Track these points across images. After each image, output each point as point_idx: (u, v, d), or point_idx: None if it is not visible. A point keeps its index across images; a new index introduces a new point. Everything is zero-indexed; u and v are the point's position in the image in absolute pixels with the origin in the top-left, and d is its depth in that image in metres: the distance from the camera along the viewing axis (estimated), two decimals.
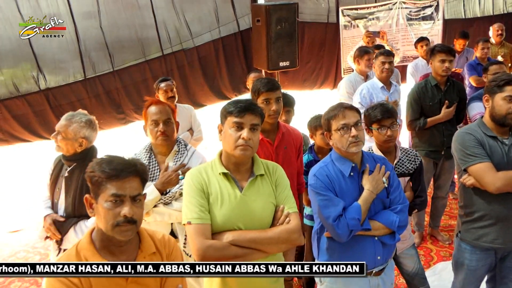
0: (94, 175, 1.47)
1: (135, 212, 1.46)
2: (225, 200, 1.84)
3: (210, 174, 1.90)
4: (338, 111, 2.09)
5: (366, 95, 4.10)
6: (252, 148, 1.85)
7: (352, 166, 2.10)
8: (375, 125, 2.52)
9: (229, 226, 1.82)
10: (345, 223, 2.00)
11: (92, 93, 5.35)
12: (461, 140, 2.38)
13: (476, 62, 5.13)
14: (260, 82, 2.58)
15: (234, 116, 1.84)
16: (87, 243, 1.51)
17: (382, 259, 2.13)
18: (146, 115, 2.42)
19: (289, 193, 1.95)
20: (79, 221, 2.42)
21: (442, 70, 3.64)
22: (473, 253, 2.45)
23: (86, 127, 2.47)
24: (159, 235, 1.65)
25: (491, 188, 2.24)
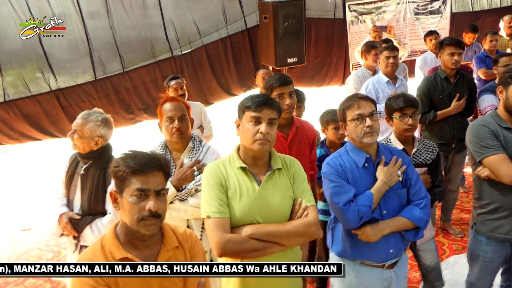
0: (119, 170, 1.48)
1: (160, 206, 1.48)
2: (243, 194, 1.85)
3: (228, 169, 1.91)
4: (354, 101, 2.10)
5: (372, 90, 4.11)
6: (270, 142, 1.86)
7: (367, 157, 2.11)
8: (396, 113, 2.54)
9: (247, 220, 1.83)
10: (356, 208, 2.01)
11: (102, 93, 5.39)
12: (475, 132, 2.38)
13: (484, 55, 5.10)
14: (273, 78, 2.60)
15: (252, 111, 1.85)
16: (111, 237, 1.53)
17: (395, 252, 2.14)
18: (161, 112, 2.43)
19: (306, 187, 1.96)
20: (95, 219, 2.43)
21: (452, 63, 3.64)
22: (489, 244, 2.45)
23: (102, 125, 2.49)
24: (181, 229, 1.67)
25: (506, 179, 2.23)
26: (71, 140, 2.50)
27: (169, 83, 4.15)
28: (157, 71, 5.67)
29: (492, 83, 3.83)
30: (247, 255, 1.80)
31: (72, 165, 2.58)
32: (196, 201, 2.31)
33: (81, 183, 2.49)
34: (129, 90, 5.57)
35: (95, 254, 1.50)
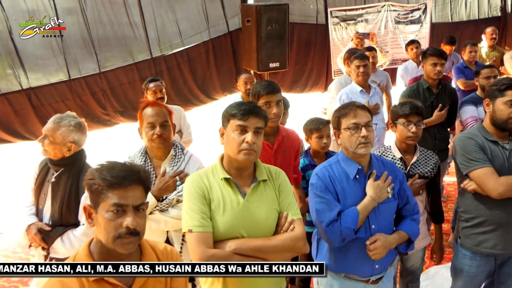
0: (94, 183, 1.37)
1: (138, 223, 1.38)
2: (227, 206, 1.77)
3: (211, 179, 1.83)
4: (350, 109, 2.04)
5: (346, 100, 4.05)
6: (256, 153, 1.79)
7: (359, 169, 2.06)
8: (401, 119, 2.50)
9: (231, 233, 1.76)
10: (339, 230, 1.97)
11: (76, 94, 5.20)
12: (462, 144, 2.36)
13: (463, 65, 5.18)
14: (260, 85, 2.52)
15: (238, 119, 1.78)
16: (85, 256, 1.42)
17: (380, 268, 2.10)
18: (142, 117, 2.31)
19: (292, 199, 1.90)
20: (67, 230, 2.29)
21: (434, 74, 3.69)
22: (473, 259, 2.44)
23: (76, 130, 2.35)
24: (161, 246, 1.57)
25: (493, 193, 2.22)
26: (41, 145, 2.35)
27: (147, 85, 4.01)
28: (135, 73, 5.51)
29: (474, 94, 3.86)
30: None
31: (42, 172, 2.43)
32: (177, 212, 2.22)
33: (52, 192, 2.35)
34: (105, 91, 5.39)
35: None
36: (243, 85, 4.43)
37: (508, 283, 2.50)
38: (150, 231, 2.23)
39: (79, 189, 2.30)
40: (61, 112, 4.93)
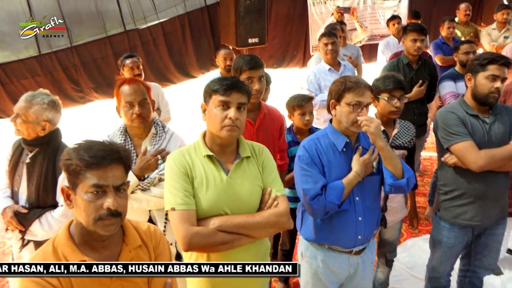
0: (71, 163, 1.31)
1: (120, 203, 1.33)
2: (210, 184, 1.75)
3: (194, 157, 1.79)
4: (358, 86, 2.00)
5: (314, 80, 4.05)
6: (239, 129, 1.76)
7: (346, 142, 2.06)
8: (384, 94, 2.48)
9: (215, 211, 1.74)
10: (323, 203, 1.98)
11: (47, 70, 5.00)
12: (443, 119, 2.39)
13: (441, 41, 5.21)
14: (243, 60, 2.45)
15: (220, 95, 1.74)
16: (65, 239, 1.37)
17: (362, 239, 2.13)
18: (119, 95, 2.23)
19: (276, 176, 1.88)
20: (45, 212, 2.22)
21: (414, 50, 3.70)
22: (451, 230, 2.50)
23: (49, 108, 2.25)
24: (144, 226, 1.53)
25: (473, 166, 2.26)
26: (14, 125, 2.24)
27: (124, 61, 3.88)
28: (108, 47, 5.32)
29: (452, 70, 3.90)
30: (215, 249, 1.71)
31: (15, 152, 2.34)
32: (159, 191, 2.18)
33: (27, 173, 2.26)
34: (77, 66, 5.21)
35: (46, 258, 1.33)
36: (222, 61, 4.35)
37: (484, 253, 2.59)
38: (132, 210, 2.19)
39: (56, 170, 2.22)
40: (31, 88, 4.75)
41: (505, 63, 2.29)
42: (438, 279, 2.69)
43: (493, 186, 2.35)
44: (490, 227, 2.50)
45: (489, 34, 5.80)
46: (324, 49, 4.07)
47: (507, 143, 2.30)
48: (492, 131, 2.32)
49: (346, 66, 4.21)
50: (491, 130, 2.33)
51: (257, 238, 1.79)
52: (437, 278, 2.68)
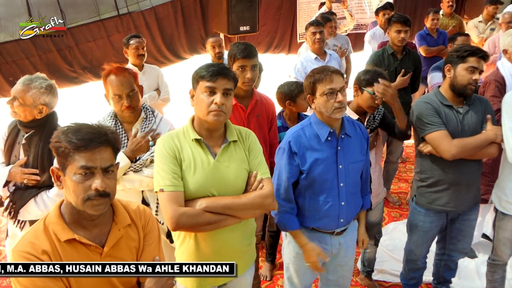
0: (60, 146, 1.32)
1: (108, 184, 1.34)
2: (198, 166, 1.77)
3: (182, 140, 1.82)
4: (326, 75, 2.01)
5: (301, 69, 4.05)
6: (225, 114, 1.78)
7: (330, 132, 2.07)
8: (371, 88, 2.46)
9: (202, 193, 1.76)
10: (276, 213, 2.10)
11: (41, 51, 4.92)
12: (419, 109, 2.42)
13: (426, 33, 5.22)
14: (237, 48, 2.45)
15: (206, 81, 1.75)
16: (55, 217, 1.38)
17: (344, 222, 2.17)
18: (107, 85, 2.22)
19: (262, 159, 1.91)
20: (41, 192, 2.22)
21: (398, 40, 3.74)
22: (427, 215, 2.56)
23: (47, 93, 2.24)
24: (134, 205, 1.55)
25: (446, 155, 2.30)
26: (10, 107, 2.23)
27: (129, 41, 3.90)
28: (102, 30, 5.25)
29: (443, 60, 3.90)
30: (202, 228, 1.75)
31: (12, 133, 2.33)
32: (151, 171, 2.20)
33: (24, 154, 2.26)
34: (71, 48, 5.13)
35: (37, 236, 1.35)
36: (211, 49, 4.33)
37: (459, 237, 2.66)
38: (126, 191, 2.21)
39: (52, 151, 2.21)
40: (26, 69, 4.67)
41: (483, 56, 2.32)
42: (415, 261, 2.74)
43: (465, 173, 2.40)
44: (463, 213, 2.56)
45: (476, 26, 5.81)
46: (311, 38, 4.06)
47: (480, 132, 2.35)
48: (465, 121, 2.36)
49: (331, 55, 4.21)
50: (464, 120, 2.36)
51: (243, 218, 1.83)
52: (414, 260, 2.74)
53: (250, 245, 1.98)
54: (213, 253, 1.82)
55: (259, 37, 6.62)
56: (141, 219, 1.53)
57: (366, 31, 6.31)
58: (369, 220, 2.84)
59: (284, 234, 2.34)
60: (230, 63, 2.47)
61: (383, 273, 3.29)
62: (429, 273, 3.00)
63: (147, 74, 4.05)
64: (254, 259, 2.05)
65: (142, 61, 4.01)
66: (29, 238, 1.35)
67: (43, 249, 1.33)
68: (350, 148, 2.10)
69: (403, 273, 2.88)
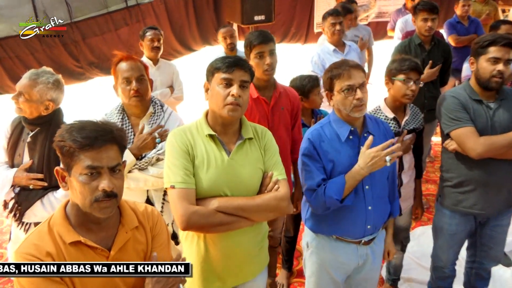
0: (65, 145, 1.36)
1: (115, 184, 1.38)
2: (211, 164, 1.81)
3: (196, 136, 1.86)
4: (344, 70, 2.01)
5: (318, 61, 4.03)
6: (241, 107, 1.82)
7: (351, 130, 2.07)
8: (401, 76, 2.46)
9: (215, 191, 1.81)
10: (322, 200, 2.02)
11: (46, 46, 5.03)
12: (445, 103, 2.42)
13: (456, 21, 5.16)
14: (252, 35, 2.50)
15: (222, 72, 1.80)
16: (61, 218, 1.44)
17: (372, 228, 2.16)
18: (116, 72, 2.30)
19: (278, 159, 1.95)
20: (47, 193, 2.28)
21: (425, 30, 3.69)
22: (453, 217, 2.55)
23: (54, 88, 2.31)
24: (141, 206, 1.61)
25: (472, 153, 2.28)
26: (15, 103, 2.30)
27: (145, 33, 4.01)
28: (109, 23, 5.34)
29: None
30: (213, 229, 1.79)
31: (15, 131, 2.40)
32: (157, 170, 2.26)
33: (29, 152, 2.33)
34: (77, 42, 5.23)
35: (42, 237, 1.41)
36: (223, 40, 4.38)
37: (490, 245, 2.63)
38: (130, 190, 2.27)
39: None
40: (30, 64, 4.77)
41: (508, 44, 2.25)
42: (442, 268, 2.72)
43: (495, 174, 2.37)
44: (494, 217, 2.53)
45: None
46: (330, 29, 4.04)
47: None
48: (496, 117, 2.33)
49: (351, 47, 4.19)
50: (495, 116, 2.34)
51: (256, 221, 1.87)
52: (441, 267, 2.72)
53: (262, 248, 2.02)
54: (223, 256, 1.86)
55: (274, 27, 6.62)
56: (149, 221, 1.58)
57: (388, 19, 6.25)
58: (397, 224, 2.83)
59: (305, 244, 2.33)
60: (247, 52, 2.51)
61: (410, 282, 3.27)
62: (460, 283, 2.97)
63: (161, 69, 4.14)
64: (266, 264, 2.08)
65: (158, 55, 4.09)
66: (32, 239, 1.40)
67: (47, 251, 1.37)
68: None
69: (430, 281, 2.87)
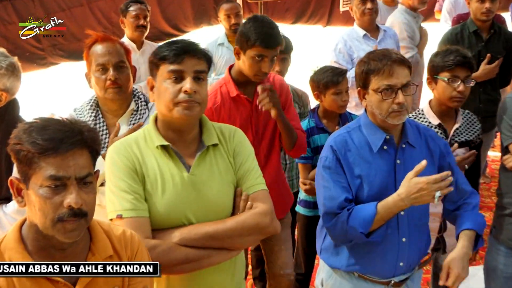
0: (21, 149, 1.33)
1: (85, 200, 1.37)
2: (167, 183, 1.76)
3: (144, 148, 1.81)
4: (384, 65, 1.99)
5: (343, 49, 4.04)
6: (199, 105, 1.76)
7: (386, 138, 2.06)
8: (445, 74, 2.46)
9: (174, 219, 1.76)
10: (344, 228, 2.00)
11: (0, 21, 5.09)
12: (507, 108, 2.40)
13: None
14: (256, 30, 2.43)
15: (169, 63, 1.74)
16: (14, 241, 1.42)
17: (405, 267, 2.13)
18: (89, 57, 2.30)
19: (252, 164, 1.90)
20: None
21: (482, 13, 3.68)
22: (509, 256, 2.51)
23: (8, 75, 2.32)
24: (118, 230, 1.59)
25: None
26: None
27: (128, 7, 4.03)
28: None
29: None
30: (178, 269, 1.74)
31: None
32: None
33: None
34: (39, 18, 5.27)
35: None
36: (225, 19, 4.39)
37: None
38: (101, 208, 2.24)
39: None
40: None
41: None
42: None
43: None
44: None
45: None
46: (359, 8, 4.04)
47: None
48: None
49: (386, 32, 4.19)
50: None
51: (234, 250, 1.83)
52: None
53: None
54: None
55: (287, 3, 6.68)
56: (127, 249, 1.56)
57: None
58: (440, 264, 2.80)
59: (319, 283, 2.32)
60: (244, 45, 2.47)
61: None
62: None
63: (147, 54, 4.12)
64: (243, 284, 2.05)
65: (143, 36, 4.13)
66: None
67: None
68: (414, 163, 2.00)
69: None
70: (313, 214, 3.07)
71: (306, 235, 3.17)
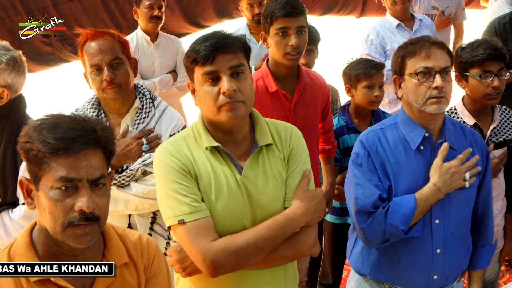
0: (32, 148, 1.36)
1: (97, 203, 1.39)
2: (221, 187, 1.77)
3: (194, 148, 1.81)
4: (421, 46, 1.99)
5: (375, 41, 4.03)
6: (244, 104, 1.75)
7: (425, 136, 2.04)
8: (475, 70, 2.43)
9: (229, 226, 1.76)
10: (381, 227, 1.99)
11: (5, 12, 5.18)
12: None
13: None
14: (275, 3, 2.48)
15: (201, 65, 1.73)
16: (25, 247, 1.45)
17: (440, 280, 2.12)
18: (83, 57, 2.32)
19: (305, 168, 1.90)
20: (1, 211, 2.31)
21: None
22: None
23: (9, 70, 2.33)
24: (134, 235, 1.60)
25: None
26: None
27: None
28: None
29: None
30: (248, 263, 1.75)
31: None
32: (142, 188, 2.27)
33: None
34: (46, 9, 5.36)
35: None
36: (248, 9, 4.38)
37: None
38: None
39: (17, 153, 2.29)
40: None
41: None
42: None
43: None
44: None
45: None
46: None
47: None
48: None
49: (422, 22, 4.19)
50: None
51: None
52: None
53: None
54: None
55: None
56: (143, 257, 1.58)
57: None
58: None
59: None
60: (266, 26, 2.51)
61: None
62: None
63: (162, 47, 4.19)
64: None
65: (157, 27, 4.14)
66: None
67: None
68: None
69: None
70: (341, 222, 3.08)
71: (334, 244, 3.17)
